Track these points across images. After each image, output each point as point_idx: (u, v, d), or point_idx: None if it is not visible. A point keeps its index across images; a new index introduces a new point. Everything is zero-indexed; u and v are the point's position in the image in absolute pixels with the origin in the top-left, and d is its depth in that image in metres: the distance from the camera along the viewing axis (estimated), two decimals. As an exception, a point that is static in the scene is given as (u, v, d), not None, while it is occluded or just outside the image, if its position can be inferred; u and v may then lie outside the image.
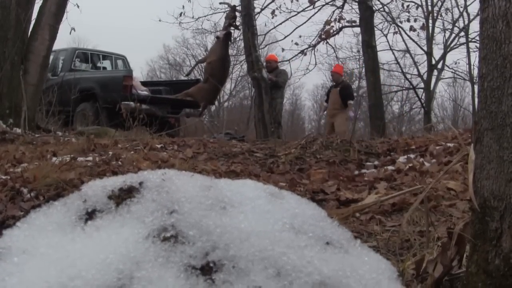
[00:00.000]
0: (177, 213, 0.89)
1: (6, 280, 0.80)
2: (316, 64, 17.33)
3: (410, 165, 5.43)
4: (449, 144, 5.82)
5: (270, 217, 0.92)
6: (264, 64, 12.13)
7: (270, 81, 12.13)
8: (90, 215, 0.94)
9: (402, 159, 5.81)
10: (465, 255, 1.54)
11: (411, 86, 24.35)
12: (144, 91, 11.79)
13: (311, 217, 0.94)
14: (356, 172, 5.85)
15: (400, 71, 25.22)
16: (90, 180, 4.47)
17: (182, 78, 28.65)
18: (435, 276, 1.48)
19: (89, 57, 13.33)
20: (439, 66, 24.34)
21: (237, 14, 12.22)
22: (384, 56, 25.30)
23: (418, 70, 25.26)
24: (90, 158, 5.76)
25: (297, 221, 0.92)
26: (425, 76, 23.98)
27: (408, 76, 25.18)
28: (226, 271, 0.81)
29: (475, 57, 24.40)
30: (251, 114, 27.53)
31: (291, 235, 0.89)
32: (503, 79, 1.33)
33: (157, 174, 0.97)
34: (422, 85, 24.19)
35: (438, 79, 24.29)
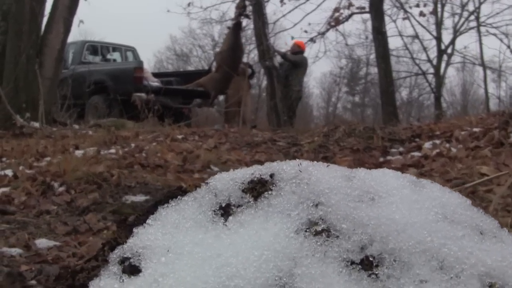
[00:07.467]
0: (323, 206, 0.85)
1: (160, 281, 0.76)
2: (325, 51, 17.29)
3: (438, 151, 5.38)
4: (475, 129, 5.78)
5: (420, 207, 0.88)
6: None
7: (276, 53, 12.35)
8: (225, 210, 0.90)
9: (427, 145, 5.77)
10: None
11: (420, 72, 24.17)
12: (155, 83, 11.79)
13: (459, 206, 0.90)
14: (382, 159, 5.81)
15: (410, 56, 25.09)
16: (119, 172, 4.46)
17: (190, 68, 28.64)
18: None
19: (99, 49, 13.25)
20: (449, 51, 24.17)
21: (247, 3, 12.20)
22: (392, 42, 24.94)
23: (427, 56, 25.08)
24: (113, 151, 5.75)
25: (447, 210, 0.88)
26: (434, 61, 23.79)
27: (417, 61, 25.02)
28: (388, 265, 0.77)
29: (500, 42, 24.13)
30: (260, 103, 27.43)
31: (445, 225, 0.85)
32: None
33: (291, 165, 0.93)
34: (431, 70, 24.01)
35: (447, 64, 24.13)
